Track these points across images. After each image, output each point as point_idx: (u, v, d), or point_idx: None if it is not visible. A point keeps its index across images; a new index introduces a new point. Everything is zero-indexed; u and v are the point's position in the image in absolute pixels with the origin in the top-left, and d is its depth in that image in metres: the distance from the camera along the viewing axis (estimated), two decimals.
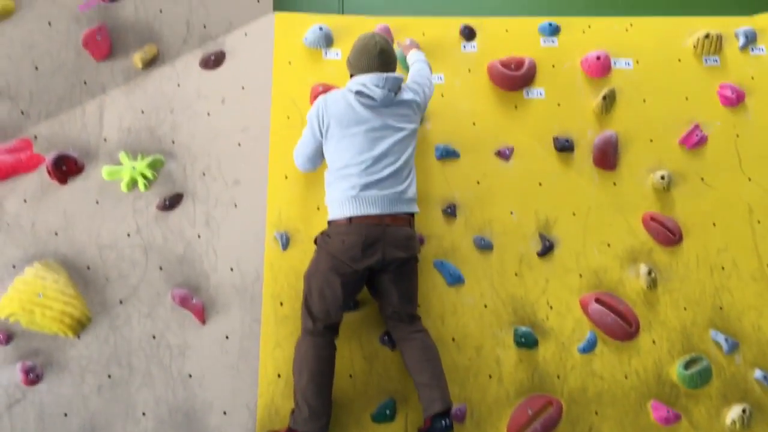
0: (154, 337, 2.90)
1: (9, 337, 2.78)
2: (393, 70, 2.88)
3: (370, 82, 2.79)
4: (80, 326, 2.82)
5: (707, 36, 3.49)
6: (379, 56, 2.82)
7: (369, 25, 3.38)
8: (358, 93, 2.80)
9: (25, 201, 2.94)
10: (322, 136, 2.85)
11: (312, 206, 3.10)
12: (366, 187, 2.73)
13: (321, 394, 2.67)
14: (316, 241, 2.86)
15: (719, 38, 3.50)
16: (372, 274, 2.79)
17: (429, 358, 2.77)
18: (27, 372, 2.75)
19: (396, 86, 2.84)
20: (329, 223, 2.83)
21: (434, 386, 2.71)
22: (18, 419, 2.75)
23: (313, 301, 2.75)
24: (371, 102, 2.79)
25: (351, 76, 2.91)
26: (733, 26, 3.58)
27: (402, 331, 2.83)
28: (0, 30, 3.01)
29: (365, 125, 2.77)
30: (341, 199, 2.75)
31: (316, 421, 2.65)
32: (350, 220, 2.72)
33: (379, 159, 2.76)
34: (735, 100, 3.43)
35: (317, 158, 2.96)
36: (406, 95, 2.88)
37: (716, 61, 3.51)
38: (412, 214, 2.85)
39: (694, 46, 3.51)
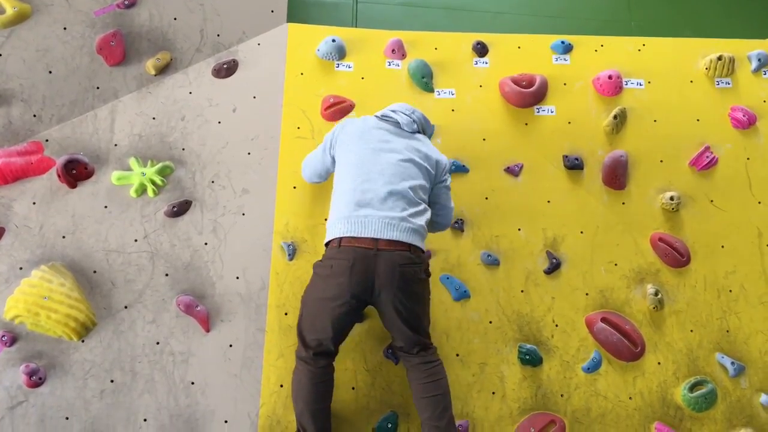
0: (157, 344, 2.90)
1: (13, 339, 2.78)
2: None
3: (399, 108, 2.82)
4: (85, 330, 2.83)
5: (720, 58, 3.49)
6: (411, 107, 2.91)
7: (382, 38, 3.40)
8: (383, 118, 2.80)
9: (34, 203, 2.96)
10: (331, 157, 2.82)
11: (320, 217, 3.10)
12: (360, 205, 2.57)
13: (317, 422, 2.58)
14: (313, 266, 2.73)
15: (732, 61, 3.50)
16: (373, 303, 2.61)
17: (431, 394, 2.59)
18: (30, 374, 2.75)
19: (421, 123, 2.84)
20: (325, 246, 2.70)
21: (433, 427, 2.56)
22: (19, 421, 2.74)
23: (305, 330, 2.63)
24: (392, 127, 2.77)
25: None
26: (746, 49, 3.58)
27: (409, 362, 2.67)
28: (15, 34, 3.04)
29: (375, 144, 2.69)
30: (334, 219, 2.64)
31: None
32: (340, 242, 2.56)
33: (381, 174, 2.62)
34: (746, 122, 3.43)
35: (323, 174, 2.94)
36: (430, 144, 2.83)
37: (728, 83, 3.51)
38: (415, 246, 2.61)
39: (707, 68, 3.51)
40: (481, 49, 3.45)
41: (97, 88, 3.12)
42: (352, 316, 2.63)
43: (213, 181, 3.11)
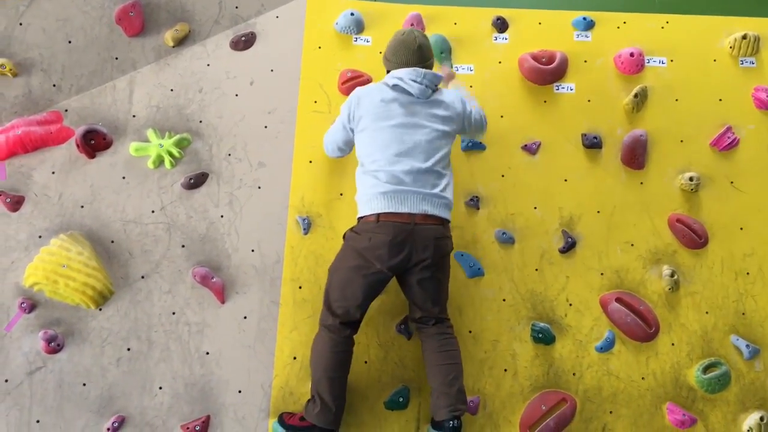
0: (173, 314, 2.93)
1: (33, 306, 2.83)
2: (430, 66, 2.81)
3: (407, 76, 2.72)
4: (102, 299, 2.87)
5: (744, 37, 3.42)
6: (418, 51, 2.77)
7: (401, 12, 3.37)
8: (395, 87, 2.73)
9: (53, 173, 2.99)
10: (351, 131, 2.81)
11: (335, 192, 3.10)
12: (395, 182, 2.64)
13: (333, 390, 2.65)
14: (344, 237, 2.79)
15: (757, 40, 3.43)
16: (401, 274, 2.72)
17: (444, 363, 2.70)
18: (49, 341, 2.80)
19: (434, 83, 2.77)
20: (358, 220, 2.76)
21: (442, 393, 2.65)
22: (38, 386, 2.80)
23: (333, 297, 2.71)
24: (407, 97, 2.73)
25: (388, 72, 2.85)
26: None
27: (425, 333, 2.77)
28: (36, 3, 3.05)
29: (396, 120, 2.69)
30: (370, 195, 2.67)
31: (325, 415, 2.65)
32: (378, 217, 2.64)
33: (408, 154, 2.66)
34: None
35: (346, 147, 2.93)
36: (446, 97, 2.81)
37: (752, 63, 3.45)
38: (447, 220, 2.74)
39: (731, 47, 3.45)
40: (501, 25, 3.41)
41: (116, 58, 3.13)
42: (382, 285, 2.74)
43: (230, 154, 3.12)
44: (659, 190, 3.27)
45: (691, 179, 3.23)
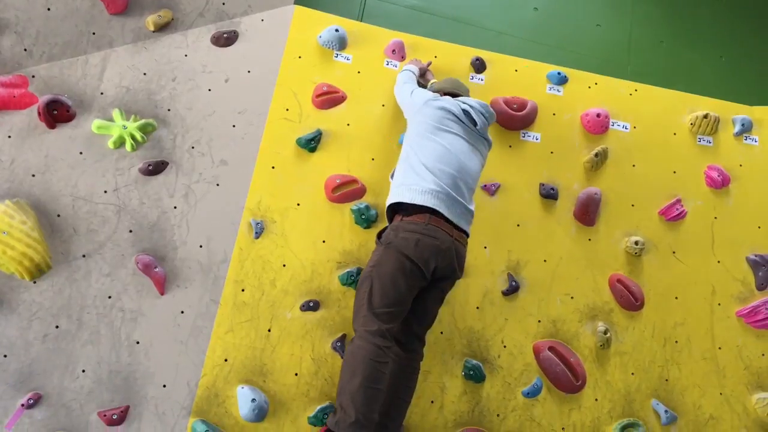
0: (109, 298, 2.88)
1: None
2: None
3: (478, 106, 2.94)
4: (38, 272, 2.80)
5: (706, 116, 3.57)
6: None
7: (385, 36, 3.42)
8: (465, 112, 2.88)
9: (9, 137, 2.91)
10: (419, 105, 2.91)
11: (293, 201, 3.11)
12: (448, 185, 2.72)
13: (370, 403, 2.53)
14: (380, 238, 2.79)
15: (716, 121, 3.59)
16: (431, 287, 2.75)
17: (401, 398, 2.73)
18: None
19: (490, 121, 3.01)
20: (399, 208, 2.78)
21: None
22: None
23: (376, 303, 2.64)
24: (470, 125, 2.89)
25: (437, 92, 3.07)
26: (732, 112, 3.68)
27: (396, 352, 2.68)
28: None
29: (461, 140, 2.85)
30: (423, 188, 2.70)
31: (362, 430, 2.52)
32: (429, 220, 2.67)
33: (463, 173, 2.79)
34: (720, 183, 3.51)
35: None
36: (488, 135, 3.02)
37: (710, 142, 3.60)
38: (467, 236, 2.85)
39: (692, 124, 3.59)
40: (479, 66, 3.48)
41: (93, 33, 3.09)
42: (418, 290, 2.72)
43: (193, 147, 3.10)
44: (605, 248, 3.37)
45: (636, 243, 3.34)
